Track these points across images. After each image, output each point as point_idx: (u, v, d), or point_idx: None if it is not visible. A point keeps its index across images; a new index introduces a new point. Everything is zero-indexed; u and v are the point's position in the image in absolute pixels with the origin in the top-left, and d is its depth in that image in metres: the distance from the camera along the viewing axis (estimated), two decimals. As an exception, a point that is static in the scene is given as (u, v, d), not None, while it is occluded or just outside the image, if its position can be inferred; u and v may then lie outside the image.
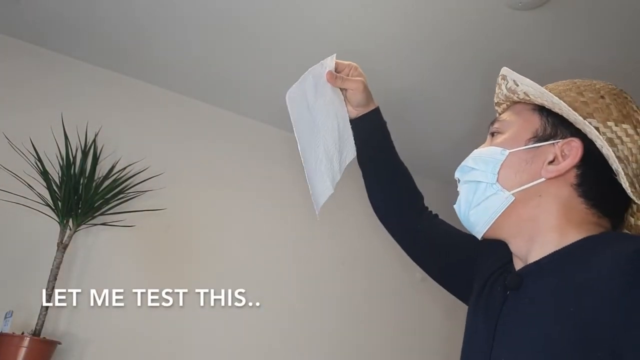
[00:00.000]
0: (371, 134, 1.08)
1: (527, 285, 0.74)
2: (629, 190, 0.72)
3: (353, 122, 1.08)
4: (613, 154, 0.72)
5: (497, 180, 0.78)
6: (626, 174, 0.73)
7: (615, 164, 0.72)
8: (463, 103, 2.11)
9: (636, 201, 0.73)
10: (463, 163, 0.85)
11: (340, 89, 1.07)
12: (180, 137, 2.27)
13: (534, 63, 1.83)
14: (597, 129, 0.74)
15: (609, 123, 0.75)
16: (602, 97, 0.77)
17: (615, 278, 0.62)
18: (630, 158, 0.74)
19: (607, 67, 1.80)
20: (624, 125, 0.75)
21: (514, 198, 0.77)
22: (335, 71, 1.06)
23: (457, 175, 0.86)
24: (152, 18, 1.85)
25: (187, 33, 1.91)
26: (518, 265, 0.80)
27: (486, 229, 0.80)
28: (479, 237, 0.82)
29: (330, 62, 1.06)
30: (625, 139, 0.74)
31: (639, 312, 0.59)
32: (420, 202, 1.09)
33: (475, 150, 0.85)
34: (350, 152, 1.03)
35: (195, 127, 2.30)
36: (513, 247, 0.80)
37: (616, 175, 0.73)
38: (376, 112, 1.09)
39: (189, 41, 1.95)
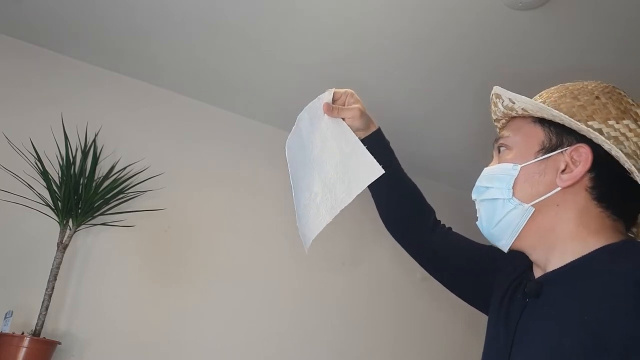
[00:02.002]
0: (374, 156, 1.07)
1: (546, 293, 0.75)
2: None
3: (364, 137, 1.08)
4: (623, 155, 0.73)
5: (514, 195, 0.79)
6: (638, 169, 0.73)
7: (628, 164, 0.73)
8: (463, 103, 2.11)
9: None
10: (477, 184, 0.86)
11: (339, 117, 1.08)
12: (180, 137, 2.27)
13: (535, 63, 1.83)
14: (599, 130, 0.75)
15: (610, 122, 0.75)
16: (597, 97, 0.78)
17: (630, 290, 0.63)
18: (638, 152, 0.75)
19: (609, 67, 1.80)
20: (625, 121, 0.76)
21: (534, 209, 0.78)
22: (332, 100, 1.06)
23: (473, 196, 0.87)
24: (151, 18, 1.85)
25: (187, 33, 1.91)
26: (537, 273, 0.81)
27: (512, 242, 0.81)
28: (505, 250, 0.84)
29: (327, 96, 1.07)
30: (629, 134, 0.75)
31: None
32: (432, 217, 1.10)
33: (486, 169, 0.86)
34: (365, 175, 1.00)
35: (195, 127, 2.30)
36: (533, 257, 0.81)
37: (630, 174, 0.74)
38: (377, 133, 1.09)
39: (189, 41, 1.95)
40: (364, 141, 1.06)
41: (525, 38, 1.73)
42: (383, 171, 0.98)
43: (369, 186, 1.06)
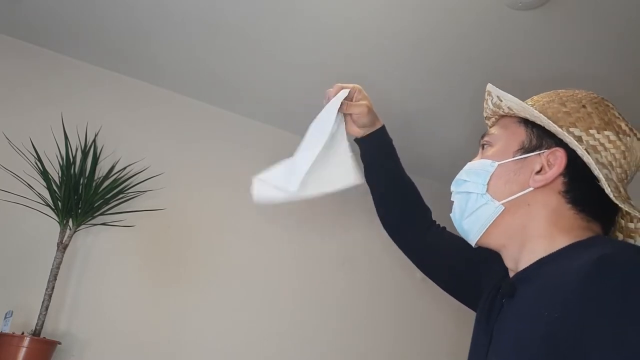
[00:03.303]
0: (377, 152, 1.10)
1: (519, 293, 0.76)
2: (612, 195, 0.74)
3: (359, 140, 1.11)
4: (593, 162, 0.74)
5: (487, 191, 0.82)
6: (610, 179, 0.75)
7: (597, 171, 0.74)
8: (463, 103, 2.11)
9: (620, 205, 0.74)
10: (457, 177, 0.88)
11: (346, 113, 1.09)
12: (180, 137, 2.27)
13: (535, 63, 1.83)
14: (580, 137, 0.77)
15: (591, 131, 0.77)
16: (583, 106, 0.80)
17: (578, 281, 0.64)
18: (614, 163, 0.77)
19: (609, 67, 1.80)
20: (606, 132, 0.78)
21: (503, 207, 0.80)
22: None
23: (452, 188, 0.89)
24: (152, 18, 1.85)
25: (187, 33, 1.91)
26: (512, 273, 0.82)
27: (478, 237, 0.83)
28: (473, 244, 0.86)
29: (343, 94, 1.07)
30: (607, 145, 0.77)
31: (597, 313, 0.61)
32: (428, 216, 1.11)
33: (468, 163, 0.88)
34: (342, 179, 1.01)
35: (195, 127, 2.30)
36: (504, 256, 0.83)
37: (599, 182, 0.75)
38: (381, 130, 1.11)
39: (189, 41, 1.95)
40: (369, 136, 1.08)
41: (525, 38, 1.73)
42: (359, 182, 1.00)
43: (369, 182, 1.08)
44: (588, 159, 0.75)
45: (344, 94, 1.06)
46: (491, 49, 1.80)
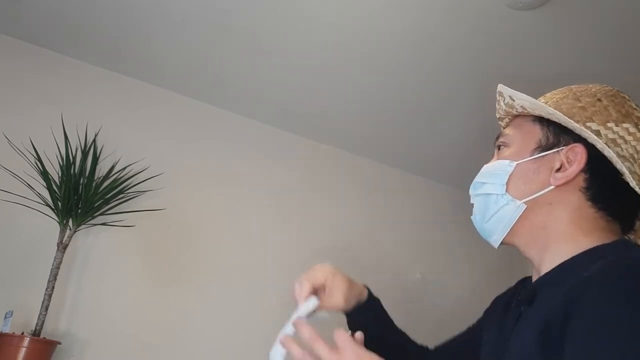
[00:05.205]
0: (365, 323, 1.07)
1: (538, 299, 0.75)
2: (637, 188, 0.72)
3: (345, 314, 1.11)
4: (615, 155, 0.73)
5: (507, 191, 0.80)
6: (633, 172, 0.73)
7: (619, 165, 0.73)
8: (463, 103, 2.11)
9: None
10: (475, 180, 0.88)
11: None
12: (180, 137, 2.26)
13: (535, 63, 1.83)
14: (597, 132, 0.75)
15: (609, 124, 0.76)
16: (599, 100, 0.78)
17: (581, 283, 0.64)
18: (635, 156, 0.75)
19: (609, 67, 1.80)
20: (625, 125, 0.76)
21: (525, 206, 0.79)
22: (314, 289, 1.07)
23: (470, 191, 0.89)
24: (152, 18, 1.85)
25: (187, 33, 1.91)
26: (534, 276, 0.82)
27: (502, 237, 0.82)
28: (496, 245, 0.84)
29: (311, 305, 1.04)
30: (627, 137, 0.75)
31: (582, 316, 0.61)
32: (422, 353, 1.11)
33: (485, 165, 0.87)
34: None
35: (195, 127, 2.30)
36: (528, 255, 0.82)
37: (622, 175, 0.74)
38: (366, 303, 1.11)
39: (189, 41, 1.95)
40: (355, 311, 1.09)
41: (525, 38, 1.73)
42: None
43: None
44: (609, 153, 0.73)
45: (312, 305, 1.02)
46: (491, 49, 1.80)
